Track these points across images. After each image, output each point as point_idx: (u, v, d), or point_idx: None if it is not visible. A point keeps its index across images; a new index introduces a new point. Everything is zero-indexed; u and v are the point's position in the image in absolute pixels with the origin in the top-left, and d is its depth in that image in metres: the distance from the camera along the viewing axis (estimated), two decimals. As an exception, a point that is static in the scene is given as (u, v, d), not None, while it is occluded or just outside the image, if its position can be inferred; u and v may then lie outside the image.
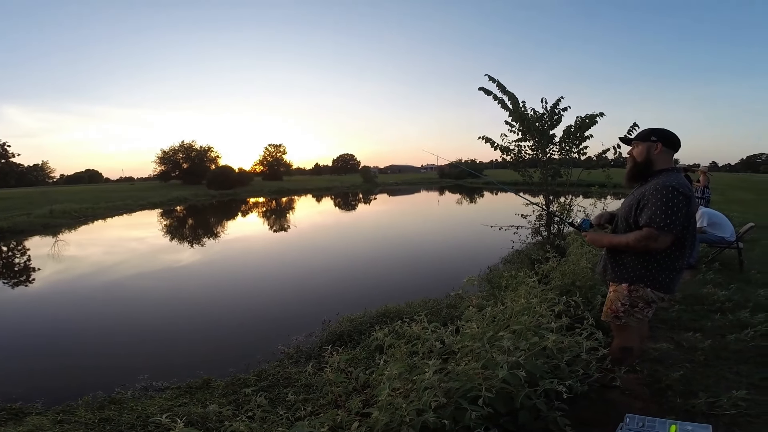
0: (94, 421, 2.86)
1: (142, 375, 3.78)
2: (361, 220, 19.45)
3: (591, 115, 5.54)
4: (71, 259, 10.30)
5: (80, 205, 21.29)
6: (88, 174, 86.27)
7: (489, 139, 6.02)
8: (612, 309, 2.33)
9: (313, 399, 2.89)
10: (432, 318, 3.75)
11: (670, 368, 2.82)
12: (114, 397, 3.33)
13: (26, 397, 3.45)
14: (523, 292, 2.59)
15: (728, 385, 2.58)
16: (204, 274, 8.69)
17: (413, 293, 5.74)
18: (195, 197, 31.82)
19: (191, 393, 3.40)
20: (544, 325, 2.20)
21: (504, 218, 6.54)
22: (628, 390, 2.53)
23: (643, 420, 1.94)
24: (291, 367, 3.74)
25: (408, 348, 2.22)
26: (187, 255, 10.77)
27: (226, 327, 5.40)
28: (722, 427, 2.20)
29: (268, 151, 63.32)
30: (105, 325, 5.66)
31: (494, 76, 5.72)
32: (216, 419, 2.44)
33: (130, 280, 8.19)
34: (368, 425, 1.76)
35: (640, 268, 2.20)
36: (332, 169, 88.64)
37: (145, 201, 26.69)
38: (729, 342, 3.23)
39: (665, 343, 3.24)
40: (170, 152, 46.71)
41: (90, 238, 14.81)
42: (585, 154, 5.80)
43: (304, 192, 39.77)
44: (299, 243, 12.60)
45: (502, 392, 1.77)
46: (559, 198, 6.10)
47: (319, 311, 5.34)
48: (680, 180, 2.12)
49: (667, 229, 2.03)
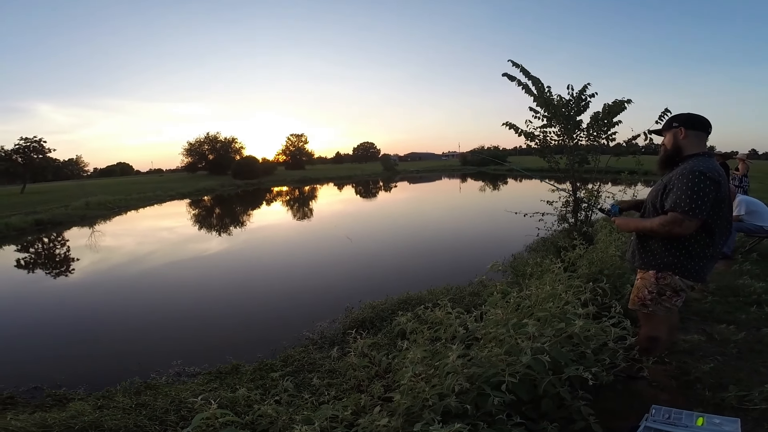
0: (131, 405, 2.98)
1: (176, 361, 3.93)
2: (382, 207, 19.48)
3: (619, 101, 5.33)
4: (107, 249, 10.78)
5: (114, 196, 22.20)
6: (120, 167, 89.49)
7: (513, 126, 5.88)
8: (639, 297, 2.28)
9: (336, 384, 2.95)
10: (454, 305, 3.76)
11: (700, 360, 2.74)
12: (150, 383, 3.47)
13: (69, 383, 3.62)
14: (548, 279, 2.56)
15: (761, 380, 2.48)
16: (232, 261, 8.95)
17: (435, 280, 5.74)
18: (221, 187, 32.66)
19: (221, 378, 3.52)
20: (570, 312, 2.17)
21: (529, 205, 6.42)
22: (655, 381, 2.48)
23: (669, 412, 1.90)
24: (315, 353, 3.83)
25: (431, 333, 2.23)
26: (215, 243, 11.09)
27: (253, 313, 5.56)
28: (751, 421, 2.13)
29: (290, 141, 64.11)
30: (140, 313, 5.91)
31: (518, 62, 5.58)
32: (245, 403, 2.53)
33: (162, 268, 8.52)
34: (390, 409, 1.80)
35: (668, 254, 2.14)
36: (353, 158, 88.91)
37: (174, 191, 27.62)
38: (764, 335, 3.11)
39: (696, 334, 3.14)
40: (196, 144, 47.95)
41: (124, 229, 15.45)
42: (614, 140, 5.60)
43: (325, 180, 40.14)
44: (323, 230, 12.75)
45: (525, 379, 1.77)
46: (586, 184, 5.93)
47: (342, 298, 5.42)
48: (710, 164, 2.05)
49: (692, 213, 1.97)
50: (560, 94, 5.60)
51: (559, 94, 5.60)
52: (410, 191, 28.73)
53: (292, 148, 63.89)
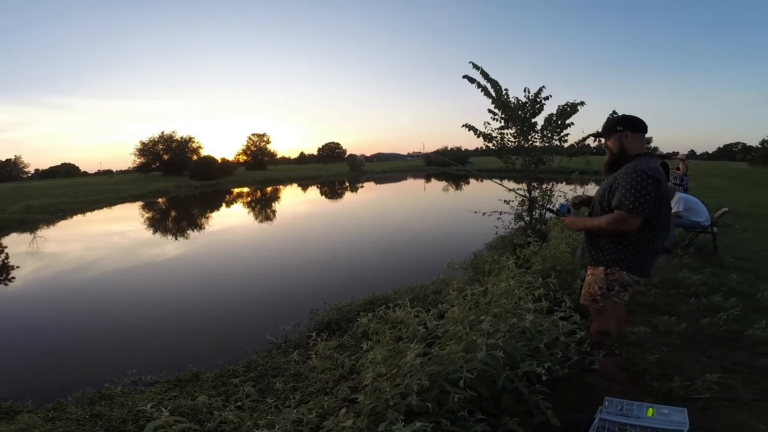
0: (86, 417, 2.85)
1: (131, 370, 3.76)
2: (348, 208, 19.38)
3: (572, 104, 5.61)
4: (52, 256, 10.07)
5: (58, 199, 20.74)
6: (65, 168, 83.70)
7: (472, 127, 6.05)
8: (590, 292, 2.39)
9: (302, 387, 2.93)
10: (418, 303, 3.80)
11: (647, 352, 2.86)
12: (104, 393, 3.31)
13: (16, 396, 3.40)
14: (504, 276, 2.64)
15: (702, 369, 2.63)
16: (190, 267, 8.60)
17: (401, 280, 5.78)
18: (177, 189, 31.25)
19: (181, 386, 3.40)
20: (523, 308, 2.24)
21: (489, 204, 6.62)
22: (607, 373, 2.57)
23: (621, 403, 2.02)
24: (279, 357, 3.76)
25: (393, 333, 2.25)
26: (171, 248, 10.62)
27: (214, 319, 5.38)
28: (697, 410, 2.23)
29: (252, 141, 62.53)
30: (90, 322, 5.58)
31: (479, 64, 5.74)
32: (206, 410, 2.45)
33: (113, 275, 8.06)
34: (356, 411, 1.81)
35: (615, 251, 2.25)
36: (318, 158, 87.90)
37: (125, 194, 26.16)
38: (703, 326, 3.29)
39: (642, 326, 3.28)
40: (150, 144, 45.68)
41: (70, 234, 14.47)
42: (566, 142, 5.89)
43: (289, 181, 39.38)
44: (286, 233, 12.53)
45: (483, 374, 1.82)
46: (541, 184, 6.20)
47: (307, 301, 5.35)
48: (651, 164, 2.18)
49: (636, 211, 2.09)
50: (518, 96, 5.82)
51: (516, 96, 5.82)
52: (376, 191, 28.76)
53: (254, 148, 62.31)
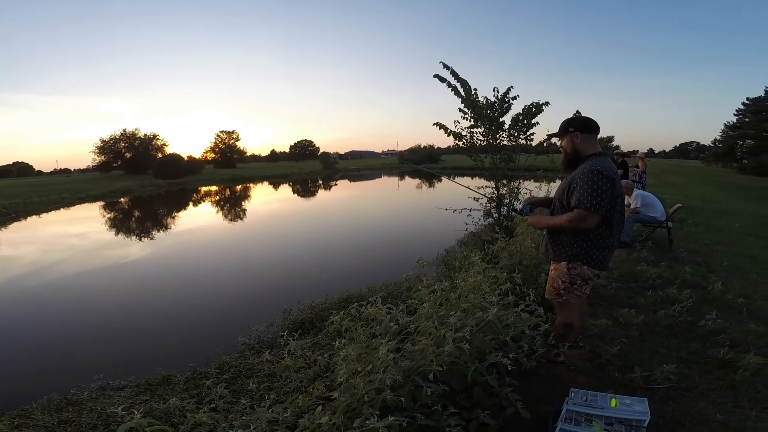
0: (54, 423, 2.79)
1: (98, 375, 3.65)
2: (321, 207, 19.23)
3: (537, 104, 5.80)
4: (5, 259, 9.52)
5: (9, 200, 19.62)
6: (17, 167, 78.77)
7: (443, 126, 6.15)
8: (554, 287, 2.51)
9: (276, 387, 2.93)
10: (392, 300, 3.85)
11: (609, 344, 3.00)
12: (71, 399, 3.22)
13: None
14: (472, 272, 2.73)
15: (661, 359, 2.77)
16: (156, 268, 8.32)
17: (375, 278, 5.84)
18: (140, 188, 30.05)
19: (151, 390, 3.34)
20: (488, 302, 2.31)
21: (460, 202, 6.77)
22: (572, 365, 2.71)
23: (586, 394, 2.15)
24: (252, 358, 3.74)
25: (366, 330, 2.29)
26: (135, 249, 10.24)
27: (183, 322, 5.26)
28: (658, 400, 2.35)
29: (220, 138, 60.82)
30: (52, 327, 5.32)
31: (449, 64, 5.84)
32: (179, 413, 2.41)
33: (74, 278, 7.69)
34: (331, 408, 1.83)
35: (576, 246, 2.38)
36: (290, 156, 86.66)
37: (84, 194, 24.92)
38: (660, 317, 3.47)
39: (604, 319, 3.43)
40: (111, 141, 43.54)
41: (24, 236, 13.68)
42: (532, 141, 6.08)
43: (260, 179, 38.64)
44: (257, 232, 12.31)
45: (453, 368, 1.88)
46: (510, 182, 6.38)
47: (280, 301, 5.32)
48: (605, 164, 2.30)
49: (594, 210, 2.22)
50: (487, 96, 5.96)
51: (486, 96, 5.96)
52: (351, 189, 28.63)
53: (222, 145, 60.63)
